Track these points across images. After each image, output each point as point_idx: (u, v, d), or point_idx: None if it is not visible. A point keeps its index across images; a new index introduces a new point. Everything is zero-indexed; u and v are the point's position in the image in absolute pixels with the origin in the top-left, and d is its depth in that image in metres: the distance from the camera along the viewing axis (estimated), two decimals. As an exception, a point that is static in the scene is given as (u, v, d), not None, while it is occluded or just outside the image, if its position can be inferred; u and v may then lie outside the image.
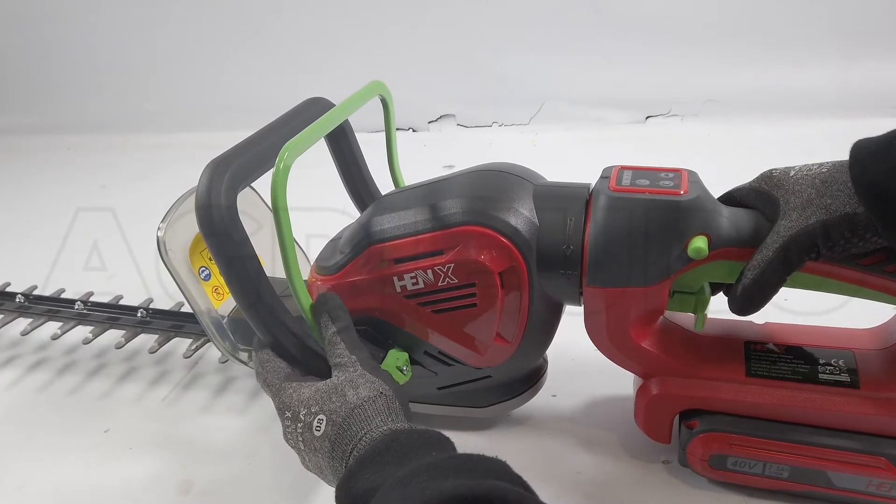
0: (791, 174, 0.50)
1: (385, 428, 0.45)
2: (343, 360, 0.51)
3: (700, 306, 0.56)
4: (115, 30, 1.73)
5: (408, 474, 0.38)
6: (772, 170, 0.52)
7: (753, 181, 0.54)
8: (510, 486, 0.35)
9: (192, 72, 1.74)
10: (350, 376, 0.49)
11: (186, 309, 0.83)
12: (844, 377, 0.55)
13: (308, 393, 0.49)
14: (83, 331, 0.84)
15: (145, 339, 0.83)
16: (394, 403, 0.48)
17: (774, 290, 0.50)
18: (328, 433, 0.46)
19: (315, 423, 0.47)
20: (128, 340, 0.82)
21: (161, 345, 0.81)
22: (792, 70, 1.47)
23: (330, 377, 0.50)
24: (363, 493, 0.39)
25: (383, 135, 0.67)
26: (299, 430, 0.48)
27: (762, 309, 0.51)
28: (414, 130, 1.66)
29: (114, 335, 0.83)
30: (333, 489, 0.43)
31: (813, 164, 0.50)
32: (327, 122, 0.56)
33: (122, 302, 0.88)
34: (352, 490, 0.41)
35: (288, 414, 0.50)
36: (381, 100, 0.65)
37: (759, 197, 0.52)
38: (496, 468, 0.38)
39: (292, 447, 0.50)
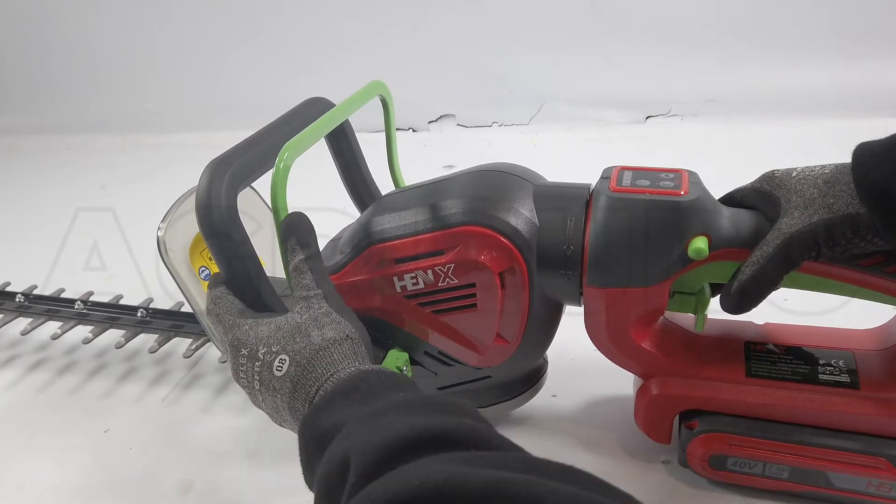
0: (793, 175, 0.50)
1: (353, 368, 0.44)
2: (309, 293, 0.49)
3: (700, 307, 0.56)
4: (115, 30, 1.73)
5: (376, 411, 0.37)
6: (773, 170, 0.52)
7: (755, 182, 0.53)
8: (479, 424, 0.35)
9: (192, 72, 1.74)
10: (314, 314, 0.47)
11: (186, 309, 0.83)
12: (844, 378, 0.55)
13: (267, 331, 0.47)
14: (83, 330, 0.84)
15: (145, 339, 0.83)
16: (360, 347, 0.47)
17: (772, 288, 0.50)
18: (290, 373, 0.45)
19: (276, 363, 0.46)
20: (128, 340, 0.82)
21: (161, 345, 0.81)
22: (792, 70, 1.47)
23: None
24: (329, 428, 0.38)
25: (383, 135, 0.67)
26: (256, 369, 0.46)
27: (762, 310, 0.51)
28: (414, 130, 1.66)
29: (114, 335, 0.83)
30: (291, 431, 0.42)
31: (815, 166, 0.50)
32: (327, 122, 0.56)
33: (122, 302, 0.88)
34: (317, 424, 0.40)
35: (244, 352, 0.47)
36: (381, 100, 0.65)
37: (761, 197, 0.52)
38: (464, 407, 0.38)
39: (244, 386, 0.48)
